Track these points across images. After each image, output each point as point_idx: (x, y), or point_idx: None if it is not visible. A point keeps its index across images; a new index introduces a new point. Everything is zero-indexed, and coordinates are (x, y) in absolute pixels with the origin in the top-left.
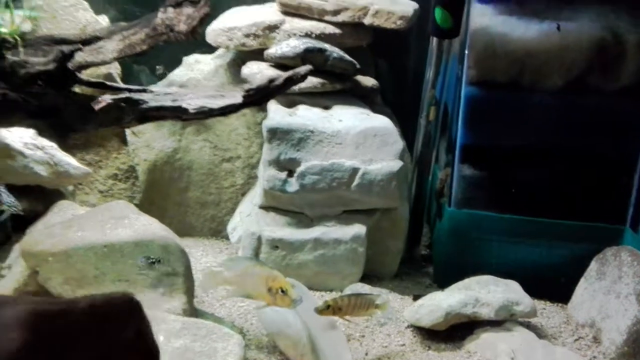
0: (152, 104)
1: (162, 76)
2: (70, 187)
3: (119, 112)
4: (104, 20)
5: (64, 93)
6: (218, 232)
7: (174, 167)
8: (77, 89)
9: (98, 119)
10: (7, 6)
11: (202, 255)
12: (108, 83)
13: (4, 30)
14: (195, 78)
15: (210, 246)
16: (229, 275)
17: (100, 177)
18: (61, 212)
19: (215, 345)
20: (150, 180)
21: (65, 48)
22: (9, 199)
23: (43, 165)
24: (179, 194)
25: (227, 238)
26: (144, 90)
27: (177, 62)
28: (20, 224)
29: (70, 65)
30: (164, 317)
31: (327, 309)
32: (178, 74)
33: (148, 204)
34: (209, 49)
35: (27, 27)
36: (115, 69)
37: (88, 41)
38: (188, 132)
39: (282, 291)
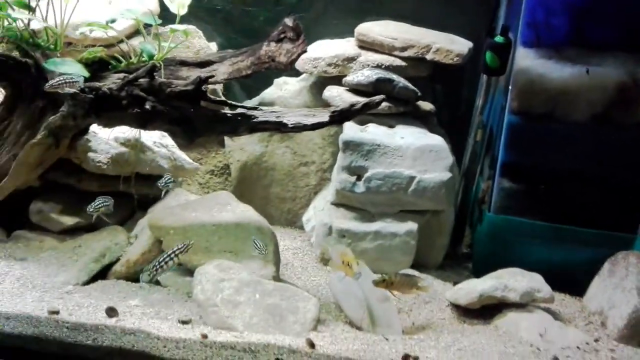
0: (261, 119)
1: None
2: (180, 179)
3: (236, 124)
4: (213, 47)
5: (195, 107)
6: (292, 222)
7: (261, 167)
8: (203, 103)
9: (219, 128)
10: (156, 37)
11: (280, 240)
12: (229, 102)
13: (157, 56)
14: (283, 96)
15: (286, 233)
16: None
17: (200, 172)
18: (176, 197)
19: (297, 304)
20: (241, 177)
21: (203, 75)
22: (96, 202)
23: (166, 160)
24: (263, 189)
25: (300, 227)
26: (255, 108)
27: (268, 82)
28: (143, 204)
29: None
30: (260, 281)
31: (382, 282)
32: (269, 92)
33: (238, 196)
34: (295, 72)
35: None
36: (219, 86)
37: (203, 64)
38: (274, 140)
39: (349, 265)
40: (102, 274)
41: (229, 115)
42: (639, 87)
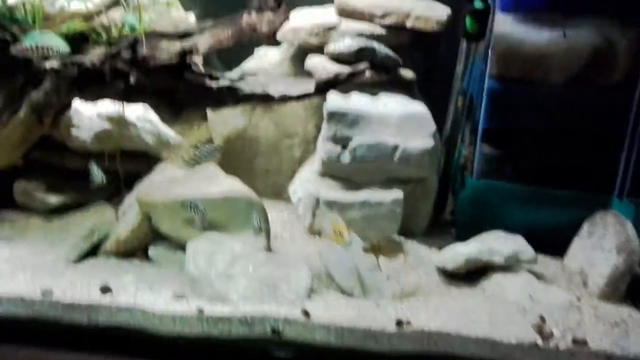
0: (247, 90)
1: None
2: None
3: (222, 96)
4: (191, 17)
5: (179, 80)
6: (279, 194)
7: (244, 141)
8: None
9: (205, 101)
10: (137, 9)
11: (268, 213)
12: (214, 74)
13: (139, 29)
14: (264, 67)
15: (272, 206)
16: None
17: (182, 145)
18: (163, 172)
19: (290, 273)
20: (225, 150)
21: (186, 46)
22: (97, 172)
23: (150, 135)
24: (248, 162)
25: (286, 199)
26: (240, 79)
27: (247, 52)
28: (129, 181)
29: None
30: (252, 252)
31: (371, 248)
32: (250, 63)
33: (222, 170)
34: (276, 42)
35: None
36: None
37: (184, 36)
38: (257, 112)
39: (340, 233)
40: (92, 252)
41: (214, 87)
42: (613, 50)
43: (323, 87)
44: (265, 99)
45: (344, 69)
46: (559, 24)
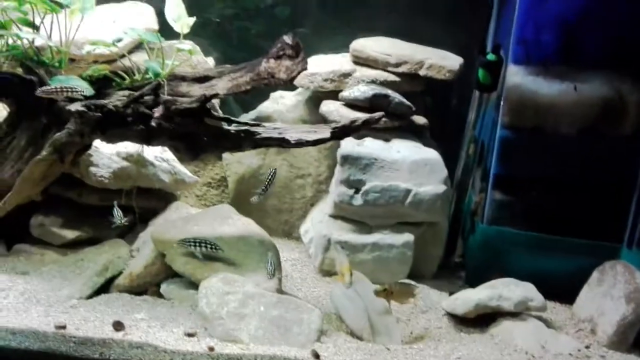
0: (264, 135)
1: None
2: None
3: (239, 140)
4: (210, 61)
5: (199, 124)
6: (289, 233)
7: (258, 180)
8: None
9: (223, 144)
10: (159, 54)
11: (281, 250)
12: (232, 118)
13: (162, 74)
14: (279, 110)
15: (283, 244)
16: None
17: (197, 184)
18: (177, 210)
19: (302, 316)
20: (238, 189)
21: (208, 93)
22: (118, 214)
23: (166, 174)
24: (260, 201)
25: (297, 239)
26: (258, 125)
27: (263, 95)
28: (144, 217)
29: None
30: (263, 293)
31: (383, 292)
32: (265, 106)
33: (235, 208)
34: (291, 86)
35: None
36: (215, 99)
37: (203, 79)
38: (271, 152)
39: (342, 274)
40: (105, 287)
41: (232, 131)
42: (623, 102)
43: (338, 134)
44: (281, 144)
45: (360, 116)
46: (570, 77)
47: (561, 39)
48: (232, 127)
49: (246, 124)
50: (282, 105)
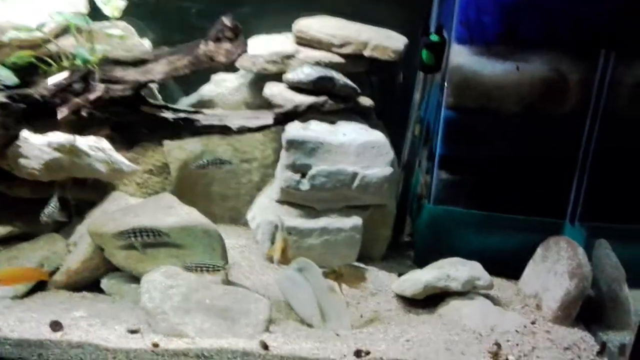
0: (204, 122)
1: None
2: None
3: (178, 128)
4: (146, 43)
5: (134, 112)
6: (236, 220)
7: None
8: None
9: (161, 133)
10: (89, 38)
11: (226, 238)
12: (170, 105)
13: (92, 60)
14: (222, 93)
15: (230, 231)
16: None
17: (138, 172)
18: (116, 201)
19: (249, 307)
20: (181, 176)
21: (141, 79)
22: (52, 205)
23: (103, 164)
24: (204, 187)
25: (244, 225)
26: (197, 112)
27: (205, 78)
28: (80, 209)
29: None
30: (208, 285)
31: (332, 273)
32: (207, 89)
33: (178, 196)
34: (233, 68)
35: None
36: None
37: (139, 62)
38: (214, 137)
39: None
40: (41, 285)
41: (170, 119)
42: (564, 81)
43: (281, 119)
44: (223, 131)
45: (304, 100)
46: (512, 57)
47: (502, 19)
48: (170, 115)
49: (185, 111)
50: (224, 88)
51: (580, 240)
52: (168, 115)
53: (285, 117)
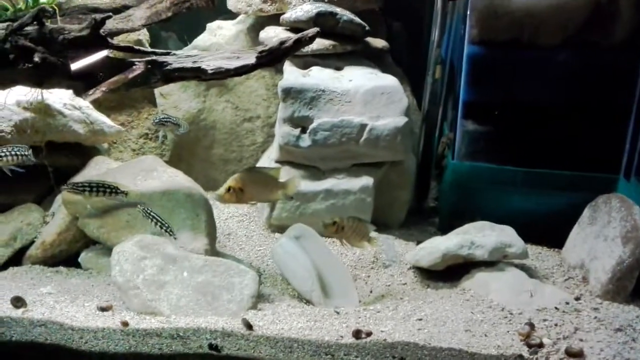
0: (175, 65)
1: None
2: (106, 145)
3: (147, 74)
4: None
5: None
6: None
7: (199, 127)
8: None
9: (129, 80)
10: None
11: (225, 207)
12: (136, 47)
13: (48, 1)
14: (218, 43)
15: None
16: None
17: (132, 136)
18: (97, 166)
19: (232, 280)
20: (178, 139)
21: (98, 16)
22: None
23: (80, 124)
24: (204, 151)
25: None
26: (168, 54)
27: (202, 28)
28: (62, 177)
29: (103, 32)
30: (187, 256)
31: (332, 225)
32: (202, 39)
33: (177, 161)
34: (231, 15)
35: None
36: (144, 35)
37: (119, 10)
38: (211, 93)
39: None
40: (16, 259)
41: (136, 63)
42: (616, 2)
43: (266, 59)
44: (197, 75)
45: (292, 36)
46: None
47: None
48: (137, 59)
49: (153, 53)
50: (220, 37)
51: (637, 198)
52: (134, 59)
53: (270, 56)
